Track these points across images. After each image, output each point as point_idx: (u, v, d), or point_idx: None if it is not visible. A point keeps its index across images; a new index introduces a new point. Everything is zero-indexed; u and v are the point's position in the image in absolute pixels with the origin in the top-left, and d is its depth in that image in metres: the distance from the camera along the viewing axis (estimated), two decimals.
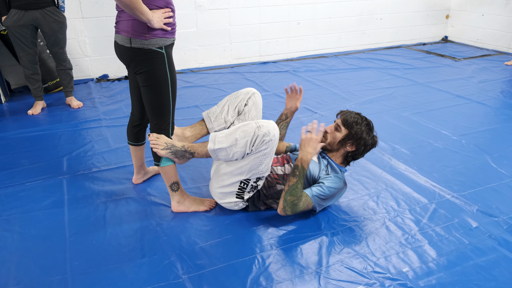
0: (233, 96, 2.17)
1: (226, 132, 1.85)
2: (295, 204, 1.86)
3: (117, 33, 1.82)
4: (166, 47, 1.81)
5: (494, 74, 4.41)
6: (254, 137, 1.76)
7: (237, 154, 1.81)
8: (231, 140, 1.80)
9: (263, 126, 1.77)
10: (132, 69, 1.86)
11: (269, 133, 1.76)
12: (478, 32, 5.67)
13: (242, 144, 1.78)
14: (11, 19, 3.08)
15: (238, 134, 1.79)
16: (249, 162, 1.83)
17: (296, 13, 5.03)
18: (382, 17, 5.59)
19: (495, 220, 1.97)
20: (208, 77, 4.41)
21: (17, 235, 1.89)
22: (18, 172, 2.45)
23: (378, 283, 1.60)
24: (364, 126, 1.99)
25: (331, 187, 1.93)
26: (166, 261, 1.72)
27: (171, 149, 1.89)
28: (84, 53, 4.25)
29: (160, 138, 1.90)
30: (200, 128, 2.17)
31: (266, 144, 1.78)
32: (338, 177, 1.98)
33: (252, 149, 1.79)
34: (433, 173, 2.40)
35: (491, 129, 3.02)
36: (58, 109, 3.51)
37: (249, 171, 1.85)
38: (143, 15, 1.65)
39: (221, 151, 1.83)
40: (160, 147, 1.89)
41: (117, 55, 1.91)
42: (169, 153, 1.90)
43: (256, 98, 2.16)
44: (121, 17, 1.79)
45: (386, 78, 4.33)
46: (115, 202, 2.15)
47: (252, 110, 2.14)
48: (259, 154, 1.80)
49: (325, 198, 1.92)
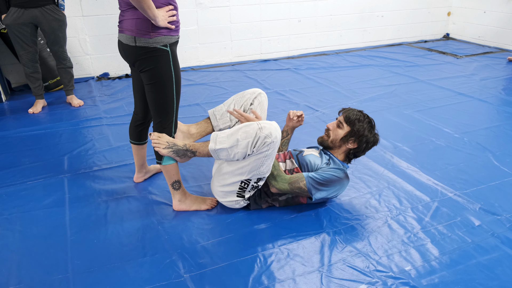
0: (240, 96, 2.17)
1: (227, 132, 1.85)
2: (277, 175, 1.90)
3: (121, 32, 1.81)
4: (170, 45, 1.80)
5: (496, 72, 4.39)
6: (256, 139, 1.75)
7: (238, 155, 1.81)
8: (233, 141, 1.79)
9: (265, 128, 1.76)
10: (136, 68, 1.86)
11: (270, 135, 1.76)
12: (480, 29, 5.65)
13: (243, 145, 1.77)
14: (11, 17, 3.07)
15: (240, 134, 1.78)
16: (250, 163, 1.82)
17: (297, 10, 5.02)
18: (384, 14, 5.56)
19: (497, 218, 1.96)
20: (209, 75, 4.40)
21: (18, 234, 1.89)
22: (19, 171, 2.44)
23: (381, 282, 1.59)
24: (366, 123, 1.99)
25: (329, 173, 1.92)
26: (167, 260, 1.71)
27: (172, 148, 1.89)
28: (85, 51, 4.25)
29: (162, 137, 1.90)
30: (206, 125, 2.17)
31: (268, 146, 1.77)
32: (339, 169, 1.96)
33: (253, 150, 1.78)
34: (435, 171, 2.39)
35: (493, 126, 3.01)
36: (58, 108, 3.50)
37: (250, 172, 1.85)
38: (150, 10, 1.64)
39: (222, 151, 1.83)
40: (162, 146, 1.88)
41: (121, 54, 1.90)
42: (171, 152, 1.89)
43: (262, 98, 2.16)
44: (124, 16, 1.78)
45: (388, 75, 4.31)
46: (116, 200, 2.14)
47: (257, 109, 2.13)
48: (261, 156, 1.80)
49: (321, 182, 1.90)
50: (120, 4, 1.80)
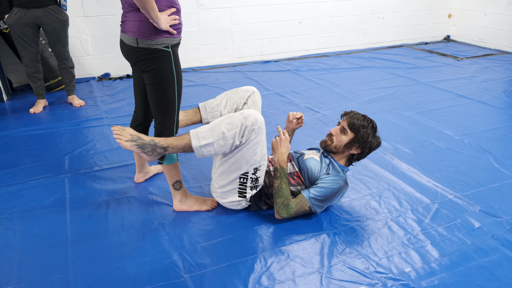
0: (233, 92, 2.17)
1: (207, 126, 1.81)
2: (286, 204, 1.88)
3: (123, 33, 1.83)
4: (172, 46, 1.82)
5: (497, 74, 4.40)
6: (243, 128, 1.76)
7: (224, 147, 1.78)
8: (217, 134, 1.76)
9: (250, 116, 1.77)
10: (138, 68, 1.87)
11: (256, 122, 1.77)
12: (481, 31, 5.65)
13: (230, 136, 1.76)
14: (13, 18, 3.08)
15: (224, 127, 1.76)
16: (243, 155, 1.82)
17: (298, 12, 5.02)
18: (384, 16, 5.57)
19: (497, 221, 1.96)
20: (209, 76, 4.41)
21: (19, 234, 1.89)
22: (20, 171, 2.45)
23: (380, 283, 1.59)
24: (370, 129, 1.97)
25: (329, 187, 1.91)
26: (168, 260, 1.72)
27: (136, 142, 1.75)
28: (86, 51, 4.25)
29: (125, 130, 1.77)
30: (193, 115, 2.17)
31: (256, 133, 1.78)
32: (338, 176, 1.96)
33: (241, 140, 1.78)
34: (436, 173, 2.40)
35: (493, 129, 3.01)
36: (60, 108, 3.51)
37: (246, 164, 1.85)
38: (153, 11, 1.65)
39: (208, 147, 1.77)
40: (124, 138, 1.74)
41: (123, 53, 1.91)
42: (134, 145, 1.74)
43: (255, 97, 2.17)
44: (127, 17, 1.80)
45: (388, 77, 4.32)
46: (117, 201, 2.15)
47: (251, 108, 2.14)
48: (251, 145, 1.80)
49: (324, 199, 1.91)
50: (123, 5, 1.81)
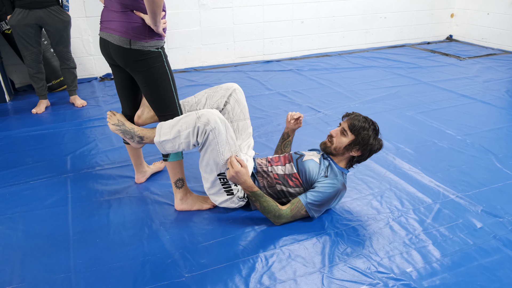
0: (213, 90, 2.13)
1: (170, 123, 1.85)
2: (278, 215, 1.88)
3: (108, 32, 1.78)
4: (161, 48, 1.85)
5: (499, 74, 4.38)
6: (196, 128, 1.77)
7: (182, 145, 1.83)
8: (175, 132, 1.81)
9: (203, 116, 1.77)
10: (129, 69, 1.85)
11: (209, 122, 1.76)
12: (483, 31, 5.64)
13: (184, 135, 1.79)
14: (16, 18, 3.09)
15: (180, 125, 1.80)
16: (210, 156, 1.83)
17: (299, 11, 5.02)
18: (386, 15, 5.56)
19: (500, 221, 1.96)
20: (211, 76, 4.41)
21: (21, 233, 1.90)
22: (22, 171, 2.46)
23: (382, 283, 1.59)
24: (371, 131, 1.93)
25: (326, 191, 1.89)
26: (169, 259, 1.72)
27: (120, 127, 1.98)
28: (88, 52, 4.26)
29: (115, 115, 2.01)
30: None
31: (212, 133, 1.77)
32: (336, 180, 1.93)
33: (198, 141, 1.80)
34: (438, 173, 2.39)
35: (496, 128, 3.00)
36: (62, 108, 3.52)
37: (216, 165, 1.85)
38: (158, 15, 1.68)
39: (167, 143, 1.85)
40: (112, 121, 2.00)
41: (103, 53, 1.88)
42: (118, 130, 2.00)
43: (237, 95, 2.11)
44: (117, 17, 1.76)
45: (390, 77, 4.31)
46: (118, 200, 2.15)
47: (235, 107, 2.10)
48: (213, 145, 1.80)
49: (321, 203, 1.89)
50: (111, 4, 1.77)
